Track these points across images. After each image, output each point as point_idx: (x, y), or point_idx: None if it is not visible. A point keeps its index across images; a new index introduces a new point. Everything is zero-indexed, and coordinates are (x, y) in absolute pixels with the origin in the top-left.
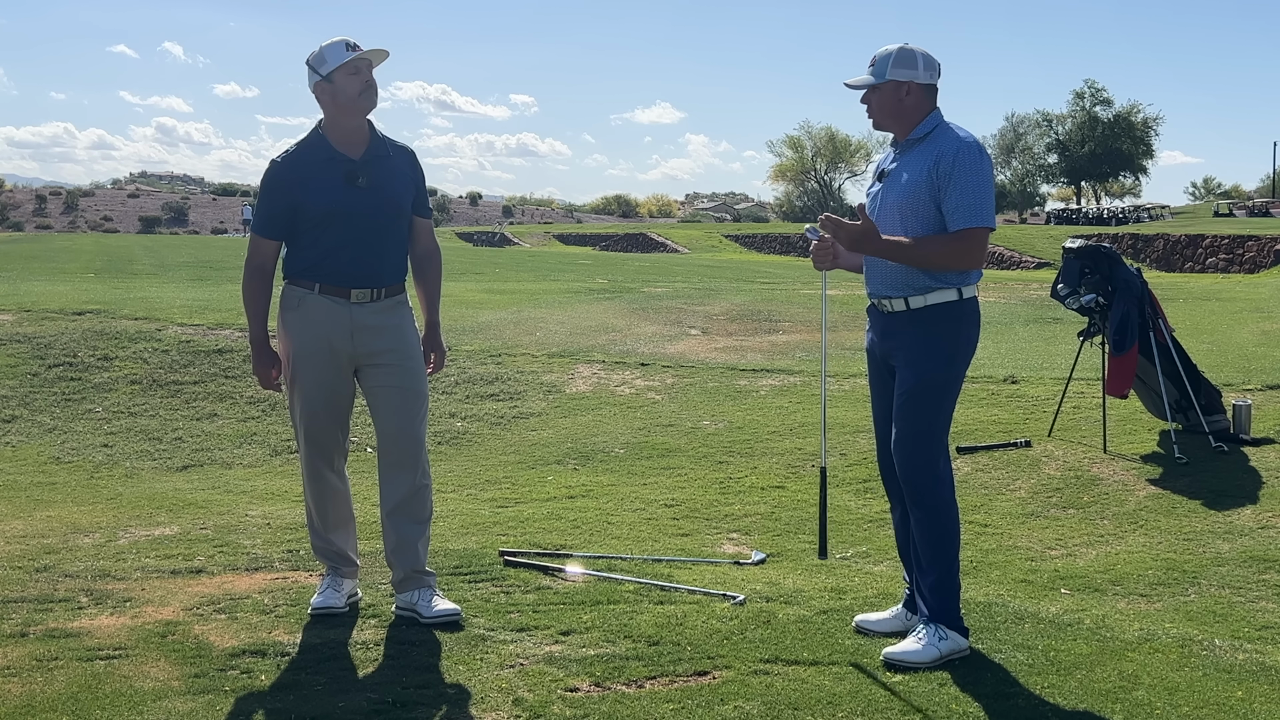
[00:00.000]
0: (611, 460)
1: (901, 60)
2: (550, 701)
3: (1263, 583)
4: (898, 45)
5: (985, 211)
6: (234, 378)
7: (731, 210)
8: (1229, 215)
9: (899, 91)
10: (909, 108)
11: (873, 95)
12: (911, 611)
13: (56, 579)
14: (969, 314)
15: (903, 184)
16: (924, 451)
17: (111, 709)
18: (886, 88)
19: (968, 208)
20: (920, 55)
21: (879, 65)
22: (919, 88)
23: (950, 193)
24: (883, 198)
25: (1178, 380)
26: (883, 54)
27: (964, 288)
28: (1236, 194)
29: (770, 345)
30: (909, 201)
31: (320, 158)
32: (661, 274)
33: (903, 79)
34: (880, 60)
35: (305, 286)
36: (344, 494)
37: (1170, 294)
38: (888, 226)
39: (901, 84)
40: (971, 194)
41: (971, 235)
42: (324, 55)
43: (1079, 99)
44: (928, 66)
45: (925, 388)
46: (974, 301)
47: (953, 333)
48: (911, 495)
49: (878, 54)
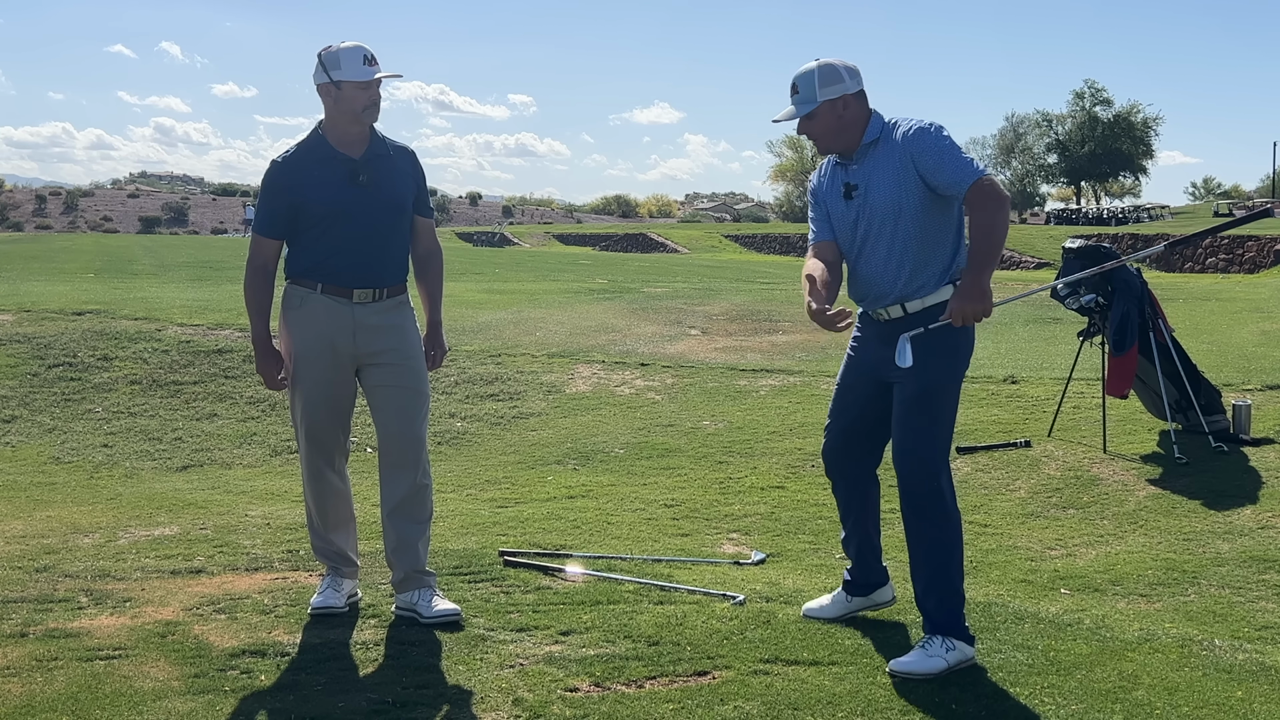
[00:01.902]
0: (611, 460)
1: (826, 79)
2: (550, 701)
3: (1263, 583)
4: (815, 64)
5: (975, 164)
6: (234, 378)
7: (731, 210)
8: (1229, 215)
9: (835, 109)
10: (849, 121)
11: (809, 123)
12: (852, 595)
13: (56, 579)
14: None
15: (884, 188)
16: (930, 463)
17: (111, 709)
18: (822, 111)
19: (963, 167)
20: (840, 66)
21: (805, 91)
22: (853, 98)
23: (939, 169)
24: (863, 210)
25: (1177, 380)
26: (804, 78)
27: (959, 281)
28: (1236, 194)
29: (770, 345)
30: (897, 202)
31: (321, 157)
32: (661, 274)
33: (835, 96)
34: (804, 86)
35: (307, 286)
36: (344, 494)
37: (1170, 294)
38: (879, 238)
39: (835, 101)
40: (955, 156)
41: (983, 185)
42: (339, 59)
43: (1079, 99)
44: (851, 74)
45: (929, 391)
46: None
47: (952, 330)
48: (916, 507)
49: (797, 79)
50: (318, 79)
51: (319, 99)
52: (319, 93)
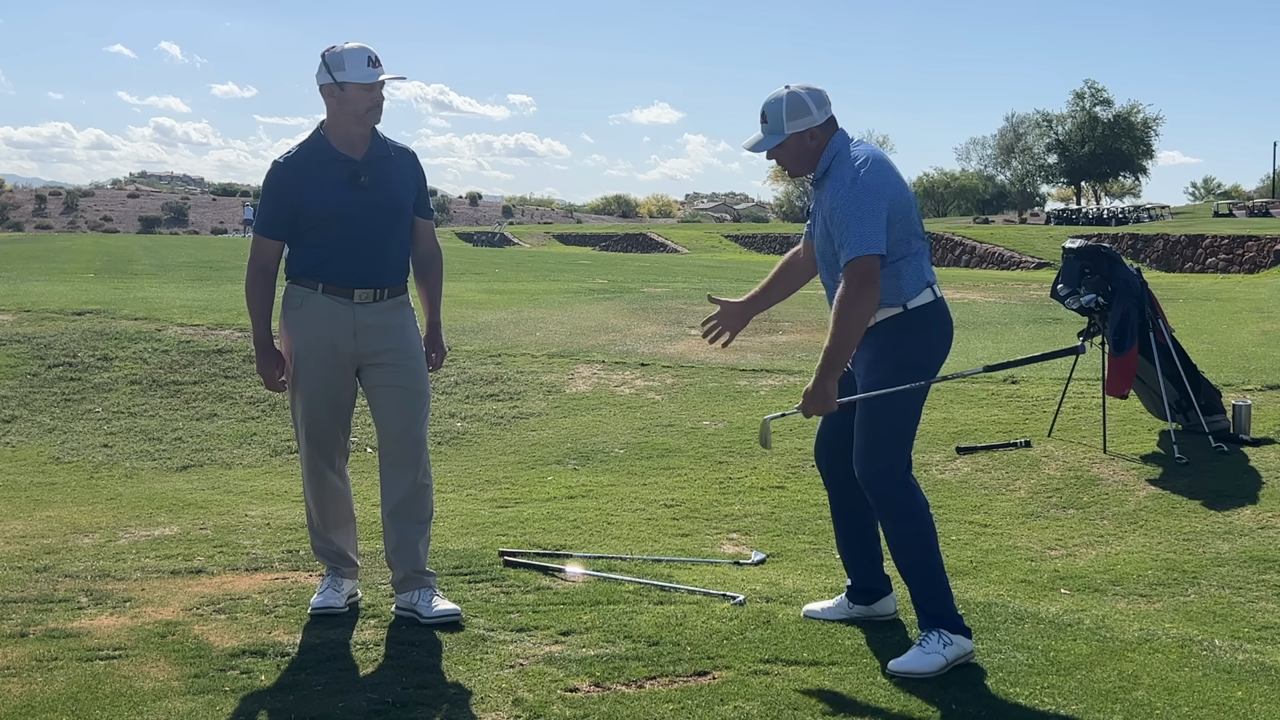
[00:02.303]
0: (611, 460)
1: (793, 111)
2: (550, 701)
3: (1263, 583)
4: (784, 93)
5: (865, 241)
6: (234, 378)
7: (731, 210)
8: (1229, 215)
9: (802, 140)
10: (814, 150)
11: (778, 151)
12: (854, 602)
13: (56, 579)
14: (916, 323)
15: (820, 224)
16: (880, 461)
17: (111, 709)
18: (789, 142)
19: (846, 242)
20: (807, 96)
21: (773, 121)
22: (819, 129)
23: (836, 233)
24: (817, 228)
25: (1177, 380)
26: (772, 108)
27: (908, 301)
28: (1236, 194)
29: (770, 345)
30: (826, 241)
31: (322, 159)
32: (661, 274)
33: (802, 129)
34: (773, 117)
35: (308, 287)
36: (344, 494)
37: (1170, 294)
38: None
39: (802, 134)
40: (848, 230)
41: (854, 267)
42: (344, 60)
43: (1079, 99)
44: (819, 104)
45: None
46: (926, 310)
47: (898, 344)
48: (875, 504)
49: (766, 108)
50: (321, 79)
51: (319, 99)
52: (322, 93)
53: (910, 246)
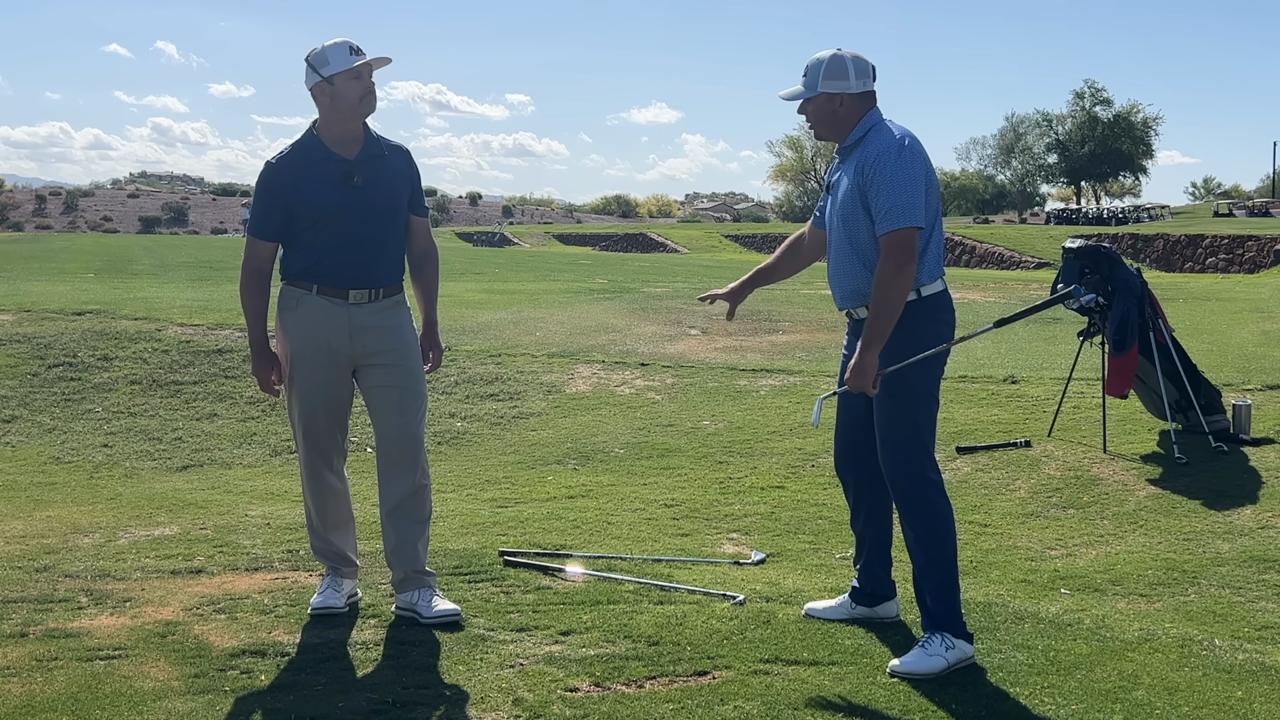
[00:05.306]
0: (611, 460)
1: (832, 71)
2: (550, 701)
3: (1263, 583)
4: (830, 52)
5: (909, 211)
6: (234, 378)
7: (731, 210)
8: (1229, 215)
9: (832, 103)
10: (842, 117)
11: (808, 106)
12: (856, 602)
13: (56, 579)
14: (931, 310)
15: (841, 194)
16: (909, 457)
17: (111, 709)
18: (819, 99)
19: (889, 210)
20: (851, 62)
21: (810, 76)
22: (851, 98)
23: (875, 198)
24: (829, 210)
25: (1178, 380)
26: (814, 63)
27: (922, 287)
28: (1236, 194)
29: (770, 345)
30: (847, 210)
31: (316, 159)
32: (661, 274)
33: (834, 91)
34: (812, 70)
35: (303, 287)
36: (343, 494)
37: (1170, 294)
38: (835, 238)
39: (834, 95)
40: (892, 196)
41: (895, 240)
42: (326, 56)
43: (1079, 99)
44: (860, 74)
45: (902, 386)
46: (937, 298)
47: (914, 331)
48: (901, 502)
49: (810, 62)
50: (309, 82)
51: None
52: (313, 96)
53: (935, 232)
